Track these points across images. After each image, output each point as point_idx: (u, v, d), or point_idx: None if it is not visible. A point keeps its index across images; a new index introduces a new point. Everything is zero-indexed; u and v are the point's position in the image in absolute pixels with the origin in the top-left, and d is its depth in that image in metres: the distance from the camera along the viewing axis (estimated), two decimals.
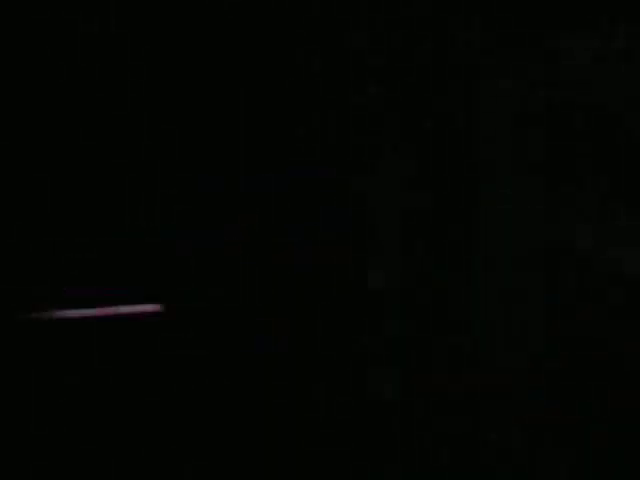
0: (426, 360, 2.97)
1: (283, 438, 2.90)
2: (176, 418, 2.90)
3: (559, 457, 2.86)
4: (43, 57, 2.96)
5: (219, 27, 3.04)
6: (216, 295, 2.99)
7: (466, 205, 3.05)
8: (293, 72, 3.05)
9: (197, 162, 3.03)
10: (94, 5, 2.98)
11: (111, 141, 3.00)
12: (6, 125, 2.95)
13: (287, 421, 2.91)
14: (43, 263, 2.95)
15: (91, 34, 2.97)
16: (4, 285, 2.90)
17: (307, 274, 3.01)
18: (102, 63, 2.99)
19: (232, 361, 2.95)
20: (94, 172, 2.99)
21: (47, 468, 2.81)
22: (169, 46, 3.02)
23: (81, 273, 2.96)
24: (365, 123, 3.06)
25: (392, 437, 2.90)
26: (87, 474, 2.83)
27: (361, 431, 2.90)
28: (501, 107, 2.98)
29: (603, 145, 2.87)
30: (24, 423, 2.83)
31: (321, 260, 3.02)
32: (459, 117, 3.05)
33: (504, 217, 3.00)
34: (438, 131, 3.05)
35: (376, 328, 2.99)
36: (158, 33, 3.01)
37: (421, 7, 3.05)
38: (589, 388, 2.93)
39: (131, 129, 3.01)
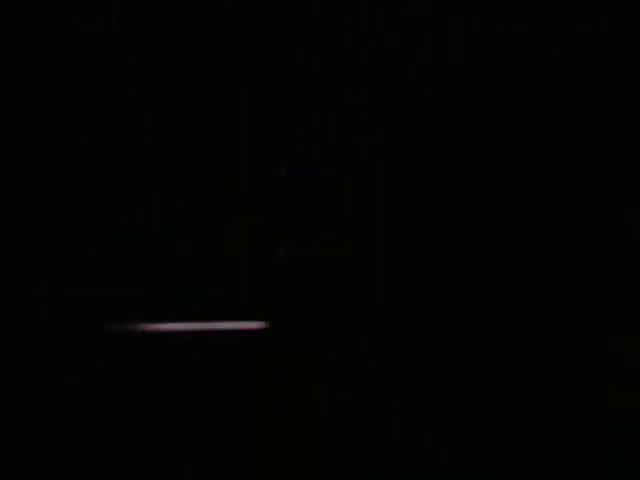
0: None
1: (283, 438, 2.90)
2: (173, 419, 2.90)
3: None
4: (43, 57, 2.96)
5: (219, 27, 3.04)
6: (216, 295, 2.99)
7: (467, 205, 3.05)
8: (293, 72, 3.05)
9: (197, 162, 3.03)
10: (94, 5, 2.98)
11: (111, 141, 3.00)
12: (6, 125, 2.95)
13: (287, 421, 2.91)
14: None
15: (91, 34, 2.97)
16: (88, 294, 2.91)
17: (307, 274, 3.01)
18: (102, 63, 2.99)
19: (232, 361, 2.95)
20: (94, 172, 2.99)
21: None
22: (169, 46, 3.03)
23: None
24: (365, 123, 3.06)
25: (392, 437, 2.90)
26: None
27: (361, 431, 2.90)
28: None
29: None
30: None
31: (321, 260, 3.02)
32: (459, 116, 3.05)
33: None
34: (438, 130, 3.05)
35: (376, 327, 2.99)
36: (158, 33, 3.01)
37: (421, 7, 3.06)
38: None
39: (131, 129, 3.01)
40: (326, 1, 3.05)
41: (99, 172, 2.98)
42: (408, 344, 2.98)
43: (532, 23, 3.06)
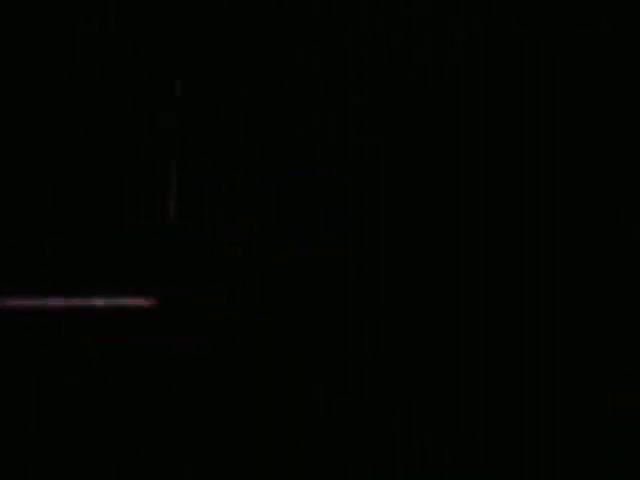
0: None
1: (283, 438, 2.90)
2: (175, 419, 2.90)
3: None
4: (43, 57, 2.97)
5: (219, 28, 3.04)
6: (216, 294, 2.99)
7: (468, 196, 3.06)
8: (293, 72, 3.05)
9: (198, 162, 3.03)
10: (94, 5, 2.98)
11: (111, 141, 3.00)
12: (7, 125, 2.95)
13: (287, 421, 2.91)
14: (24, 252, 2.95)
15: (91, 34, 2.97)
16: None
17: (307, 273, 3.01)
18: (102, 63, 2.99)
19: (232, 360, 2.95)
20: (94, 171, 2.99)
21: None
22: (169, 46, 3.03)
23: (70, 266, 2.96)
24: (365, 123, 3.06)
25: (392, 437, 2.90)
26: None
27: (361, 431, 2.90)
28: None
29: None
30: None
31: (321, 260, 3.02)
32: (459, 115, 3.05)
33: None
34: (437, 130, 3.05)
35: (376, 327, 2.99)
36: (158, 34, 3.02)
37: (421, 7, 3.06)
38: None
39: (131, 129, 3.01)
40: (326, 1, 3.05)
41: (99, 172, 2.98)
42: (408, 344, 2.98)
43: (532, 23, 3.06)
